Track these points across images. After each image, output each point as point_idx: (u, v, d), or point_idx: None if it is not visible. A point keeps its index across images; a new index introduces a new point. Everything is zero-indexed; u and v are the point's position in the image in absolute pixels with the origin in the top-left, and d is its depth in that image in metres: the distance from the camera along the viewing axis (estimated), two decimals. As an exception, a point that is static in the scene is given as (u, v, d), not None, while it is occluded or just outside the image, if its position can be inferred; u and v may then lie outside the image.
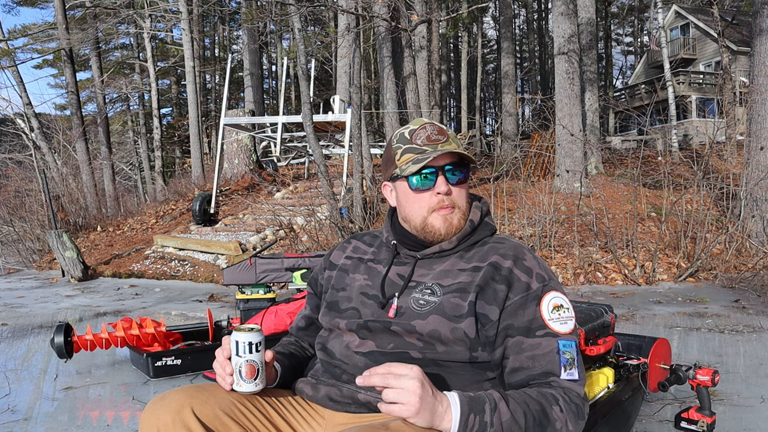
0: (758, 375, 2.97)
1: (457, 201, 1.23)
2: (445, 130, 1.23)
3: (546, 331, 1.11)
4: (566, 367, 1.10)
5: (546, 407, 1.04)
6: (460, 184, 1.23)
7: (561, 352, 1.10)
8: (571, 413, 1.06)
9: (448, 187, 1.20)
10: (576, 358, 1.11)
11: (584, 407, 1.10)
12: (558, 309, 1.14)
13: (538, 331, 1.12)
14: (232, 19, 29.08)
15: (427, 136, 1.21)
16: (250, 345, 1.09)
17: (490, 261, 1.18)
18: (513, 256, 1.19)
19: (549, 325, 1.12)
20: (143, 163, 24.16)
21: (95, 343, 3.07)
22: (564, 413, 1.05)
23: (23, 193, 11.53)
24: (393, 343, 1.16)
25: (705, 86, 22.33)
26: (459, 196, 1.23)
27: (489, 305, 1.14)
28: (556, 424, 1.04)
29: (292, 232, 8.14)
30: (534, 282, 1.16)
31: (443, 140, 1.21)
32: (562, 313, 1.14)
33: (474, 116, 30.23)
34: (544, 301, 1.14)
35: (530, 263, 1.18)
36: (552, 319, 1.13)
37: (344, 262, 1.34)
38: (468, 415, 0.97)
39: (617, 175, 10.64)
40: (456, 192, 1.22)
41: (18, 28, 25.37)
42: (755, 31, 7.62)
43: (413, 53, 10.07)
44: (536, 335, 1.11)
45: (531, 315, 1.13)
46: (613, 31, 38.40)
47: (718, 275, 6.14)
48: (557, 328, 1.12)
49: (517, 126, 17.22)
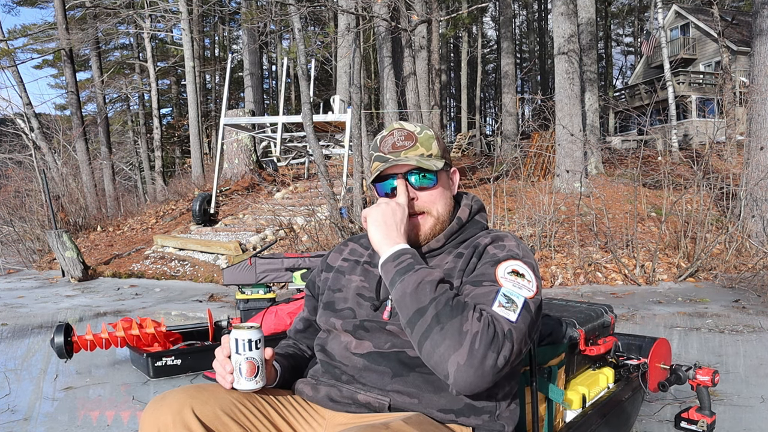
0: (758, 375, 2.97)
1: (428, 206, 1.21)
2: (413, 135, 1.21)
3: (492, 283, 1.08)
4: (502, 305, 1.03)
5: (467, 306, 1.02)
6: (428, 189, 1.21)
7: (500, 293, 1.05)
8: (486, 334, 0.98)
9: (413, 194, 1.20)
10: (520, 308, 1.04)
11: (508, 346, 0.99)
12: (516, 275, 1.10)
13: (485, 282, 1.09)
14: (232, 19, 29.07)
15: (392, 144, 1.21)
16: (250, 342, 1.09)
17: (472, 245, 1.20)
18: (495, 236, 1.20)
19: (498, 280, 1.08)
20: (143, 163, 24.17)
21: (95, 343, 3.07)
22: (480, 324, 0.99)
23: (23, 193, 11.53)
24: (390, 342, 1.16)
25: (705, 86, 22.32)
26: (428, 201, 1.21)
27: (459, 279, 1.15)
28: (465, 324, 0.99)
29: (292, 232, 8.14)
30: (502, 253, 1.15)
31: (409, 146, 1.20)
32: (519, 280, 1.09)
33: (474, 116, 30.24)
34: (502, 264, 1.11)
35: (508, 243, 1.17)
36: (505, 277, 1.08)
37: (341, 264, 1.34)
38: (404, 254, 1.10)
39: (617, 175, 10.64)
40: (424, 197, 1.21)
41: (18, 28, 25.35)
42: (755, 31, 7.62)
43: (413, 53, 10.07)
44: (483, 285, 1.08)
45: (484, 271, 1.11)
46: (613, 31, 38.44)
47: (718, 275, 6.14)
48: (507, 286, 1.07)
49: (517, 126, 17.21)
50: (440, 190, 1.22)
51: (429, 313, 1.01)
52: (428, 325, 1.00)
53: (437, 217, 1.22)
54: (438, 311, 1.00)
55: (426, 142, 1.22)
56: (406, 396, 1.13)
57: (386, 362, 1.15)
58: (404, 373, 1.14)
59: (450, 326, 0.99)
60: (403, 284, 1.05)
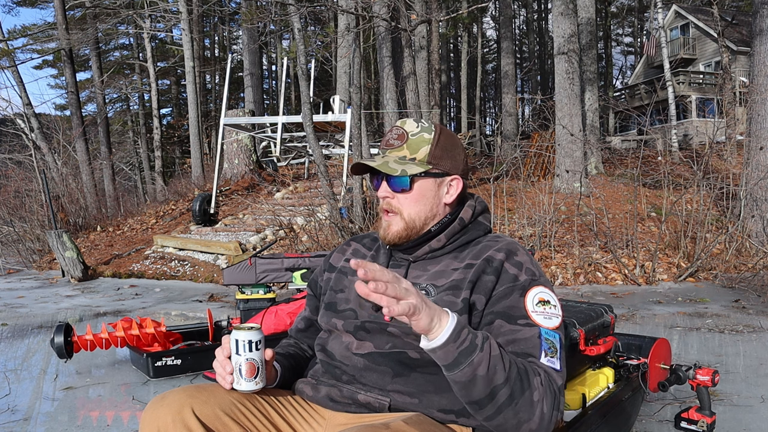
0: (758, 375, 2.97)
1: (399, 207, 1.21)
2: (404, 135, 1.21)
3: (527, 321, 1.09)
4: (547, 353, 1.06)
5: (530, 372, 1.03)
6: (401, 191, 1.20)
7: (543, 338, 1.07)
8: (549, 396, 1.02)
9: (387, 192, 1.21)
10: (559, 351, 1.08)
11: (561, 399, 1.06)
12: (543, 304, 1.12)
13: (519, 320, 1.09)
14: (232, 19, 29.05)
15: (386, 140, 1.23)
16: (250, 343, 1.09)
17: (483, 257, 1.18)
18: (506, 250, 1.18)
19: (531, 317, 1.09)
20: (143, 163, 24.18)
21: (95, 343, 3.07)
22: (543, 388, 1.02)
23: (23, 193, 11.51)
24: (391, 343, 1.16)
25: (705, 86, 22.31)
26: (402, 203, 1.21)
27: (478, 295, 1.14)
28: (535, 393, 1.01)
29: (292, 232, 8.14)
30: (522, 275, 1.15)
31: (396, 146, 1.21)
32: (547, 309, 1.12)
33: (474, 116, 30.21)
34: (529, 294, 1.12)
35: (522, 259, 1.18)
36: (535, 311, 1.10)
37: (344, 265, 1.35)
38: (462, 329, 0.98)
39: (617, 175, 10.64)
40: (399, 198, 1.21)
41: (18, 28, 25.36)
42: (755, 31, 7.62)
43: (413, 53, 10.07)
44: (517, 323, 1.09)
45: (514, 303, 1.11)
46: (613, 31, 38.40)
47: (718, 275, 6.14)
48: (540, 320, 1.09)
49: (517, 126, 17.22)
50: (415, 195, 1.20)
51: (503, 392, 0.99)
52: (501, 403, 1.00)
53: (407, 221, 1.21)
54: (512, 390, 1.00)
55: (414, 145, 1.20)
56: (406, 396, 1.13)
57: (387, 362, 1.15)
58: (405, 373, 1.14)
59: (523, 401, 1.00)
60: (472, 367, 0.97)
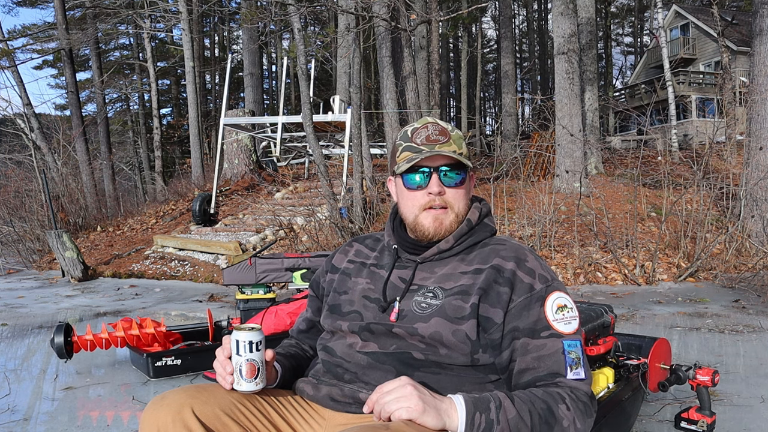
0: (758, 375, 2.97)
1: (452, 202, 1.22)
2: (447, 131, 1.23)
3: (551, 332, 1.12)
4: (572, 367, 1.11)
5: (552, 406, 1.05)
6: (456, 186, 1.22)
7: (566, 353, 1.11)
8: (579, 411, 1.07)
9: (441, 188, 1.21)
10: (581, 358, 1.13)
11: (592, 405, 1.11)
12: (562, 309, 1.15)
13: (542, 332, 1.12)
14: (232, 19, 29.03)
15: (426, 136, 1.22)
16: (251, 344, 1.09)
17: (492, 264, 1.18)
18: (515, 257, 1.19)
19: (553, 326, 1.13)
20: (143, 163, 24.18)
21: (95, 343, 3.06)
22: (571, 411, 1.06)
23: (23, 193, 11.51)
24: (395, 344, 1.17)
25: (705, 86, 22.31)
26: (454, 198, 1.23)
27: (493, 308, 1.14)
28: (563, 422, 1.04)
29: (292, 232, 8.14)
30: (537, 283, 1.16)
31: (443, 141, 1.21)
32: (566, 314, 1.15)
33: (474, 116, 30.21)
34: (548, 302, 1.15)
35: (532, 264, 1.19)
36: (556, 319, 1.14)
37: (347, 266, 1.34)
38: (474, 414, 0.99)
39: (617, 175, 10.64)
40: (451, 193, 1.22)
41: (18, 29, 25.37)
42: (755, 31, 7.62)
43: (413, 53, 10.06)
44: (541, 336, 1.12)
45: (535, 316, 1.13)
46: (613, 31, 38.41)
47: (718, 275, 6.13)
48: (561, 328, 1.13)
49: (517, 126, 17.22)
50: (465, 190, 1.25)
51: None
52: None
53: (457, 214, 1.24)
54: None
55: (458, 141, 1.24)
56: (407, 396, 1.13)
57: (390, 361, 1.16)
58: (408, 373, 1.13)
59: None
60: None
